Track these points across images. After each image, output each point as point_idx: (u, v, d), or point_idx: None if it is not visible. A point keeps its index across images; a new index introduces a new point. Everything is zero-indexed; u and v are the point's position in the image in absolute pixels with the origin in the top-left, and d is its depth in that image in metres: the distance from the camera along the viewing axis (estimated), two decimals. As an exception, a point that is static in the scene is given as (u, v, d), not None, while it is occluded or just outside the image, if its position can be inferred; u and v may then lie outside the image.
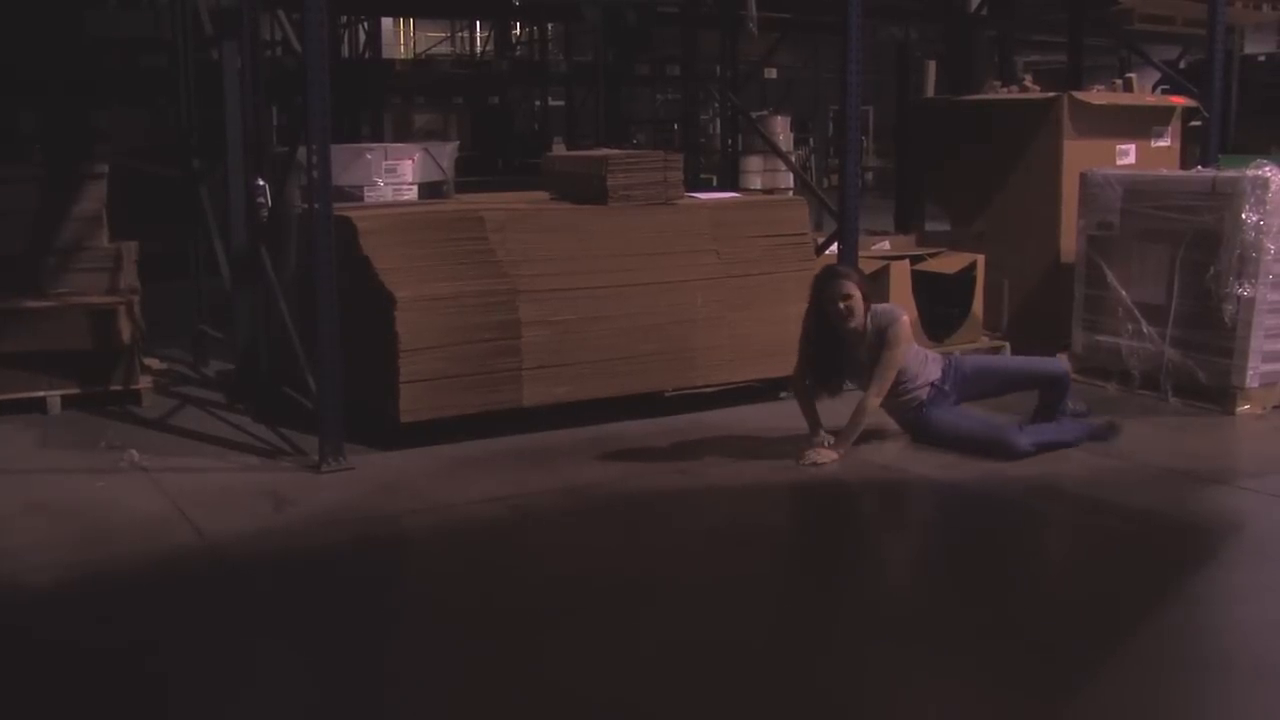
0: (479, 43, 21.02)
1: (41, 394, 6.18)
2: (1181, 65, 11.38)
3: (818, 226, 8.09)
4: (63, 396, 6.22)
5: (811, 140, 20.20)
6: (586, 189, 6.21)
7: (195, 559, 4.31)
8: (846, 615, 3.90)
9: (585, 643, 3.63)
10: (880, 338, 5.44)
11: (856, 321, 5.44)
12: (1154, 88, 9.54)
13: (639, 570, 4.25)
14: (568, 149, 12.05)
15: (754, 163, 12.92)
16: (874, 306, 5.54)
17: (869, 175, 19.82)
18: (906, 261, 7.13)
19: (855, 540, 4.79)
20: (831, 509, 5.17)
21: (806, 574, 4.39)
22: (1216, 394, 6.27)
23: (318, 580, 4.18)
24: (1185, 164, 8.03)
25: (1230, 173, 6.39)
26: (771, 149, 10.41)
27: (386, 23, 19.37)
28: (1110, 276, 6.71)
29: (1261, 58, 14.35)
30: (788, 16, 8.84)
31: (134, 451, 5.44)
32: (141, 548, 4.38)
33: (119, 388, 6.33)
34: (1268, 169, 6.20)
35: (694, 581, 4.15)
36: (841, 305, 5.42)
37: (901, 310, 5.54)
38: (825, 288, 5.50)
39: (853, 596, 4.08)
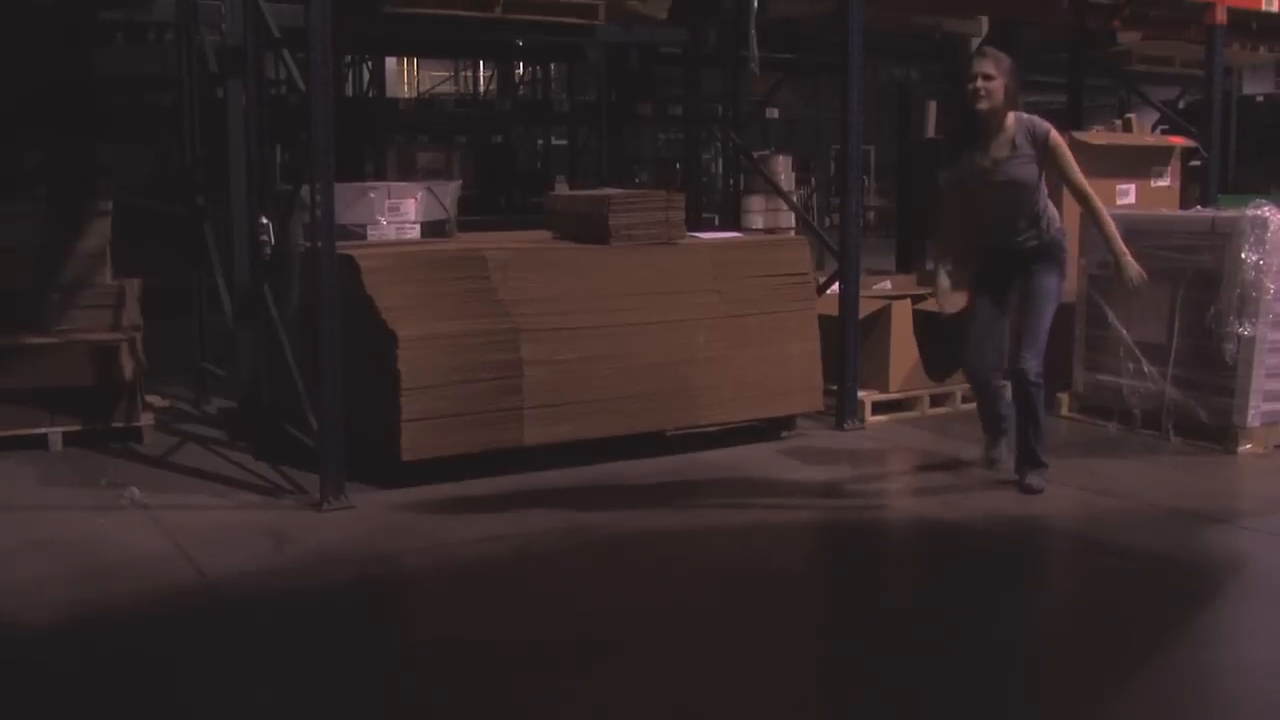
0: (482, 82, 21.15)
1: (43, 430, 6.18)
2: (1180, 105, 11.45)
3: (819, 266, 8.10)
4: (64, 433, 6.22)
5: (813, 180, 20.23)
6: (588, 228, 6.23)
7: (195, 597, 4.30)
8: (851, 652, 3.88)
9: (586, 683, 3.61)
10: (1039, 146, 5.22)
11: (985, 105, 5.20)
12: (1153, 128, 9.60)
13: (642, 609, 4.23)
14: (570, 188, 12.08)
15: (756, 202, 12.95)
16: (1022, 115, 5.30)
17: (870, 215, 19.86)
18: (908, 301, 7.15)
19: (858, 580, 4.76)
20: (833, 549, 5.16)
21: (810, 614, 4.38)
22: (1218, 433, 6.27)
23: (317, 619, 4.16)
24: (1185, 203, 8.07)
25: (1229, 212, 6.42)
26: (773, 188, 10.44)
27: (390, 62, 19.48)
28: (1111, 316, 6.73)
29: (1260, 98, 14.39)
30: (789, 57, 8.90)
31: (135, 489, 5.44)
32: (141, 585, 4.37)
33: (120, 424, 6.34)
34: (1267, 208, 6.23)
35: (697, 619, 4.13)
36: (978, 84, 5.17)
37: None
38: (968, 65, 5.30)
39: (857, 634, 4.06)
